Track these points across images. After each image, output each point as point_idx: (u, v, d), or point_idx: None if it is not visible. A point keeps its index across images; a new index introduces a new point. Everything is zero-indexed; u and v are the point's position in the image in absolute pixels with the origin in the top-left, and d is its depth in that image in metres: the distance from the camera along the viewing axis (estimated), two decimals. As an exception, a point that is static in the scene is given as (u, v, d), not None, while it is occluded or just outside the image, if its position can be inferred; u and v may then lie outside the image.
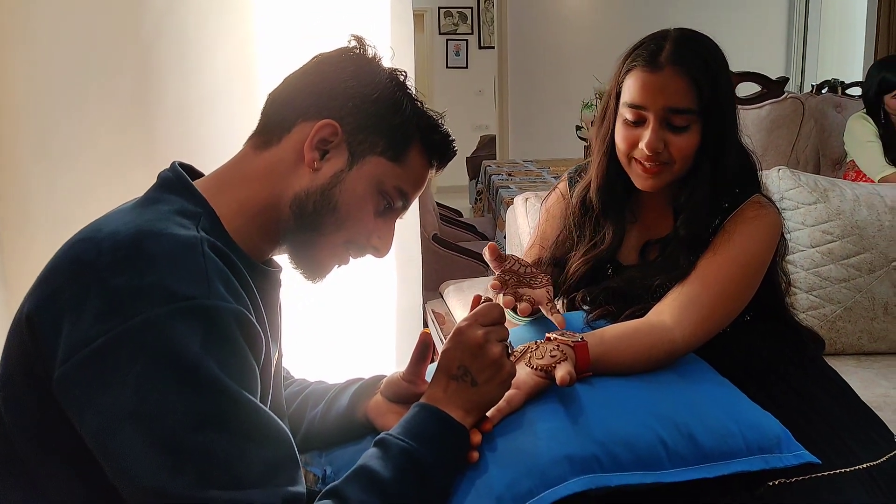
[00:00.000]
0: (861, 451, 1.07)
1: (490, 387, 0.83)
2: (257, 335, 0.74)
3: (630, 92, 1.13)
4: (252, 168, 0.83)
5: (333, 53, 0.86)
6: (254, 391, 0.71)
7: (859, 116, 2.99)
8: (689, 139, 1.11)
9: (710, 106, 1.10)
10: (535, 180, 3.42)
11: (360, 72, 0.84)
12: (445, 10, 8.22)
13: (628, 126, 1.14)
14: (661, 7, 4.96)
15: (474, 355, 0.82)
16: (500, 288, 1.06)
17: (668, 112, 1.10)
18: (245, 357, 0.71)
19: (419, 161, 0.86)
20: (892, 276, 1.66)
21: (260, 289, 0.81)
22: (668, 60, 1.10)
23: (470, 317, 0.85)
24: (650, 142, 1.10)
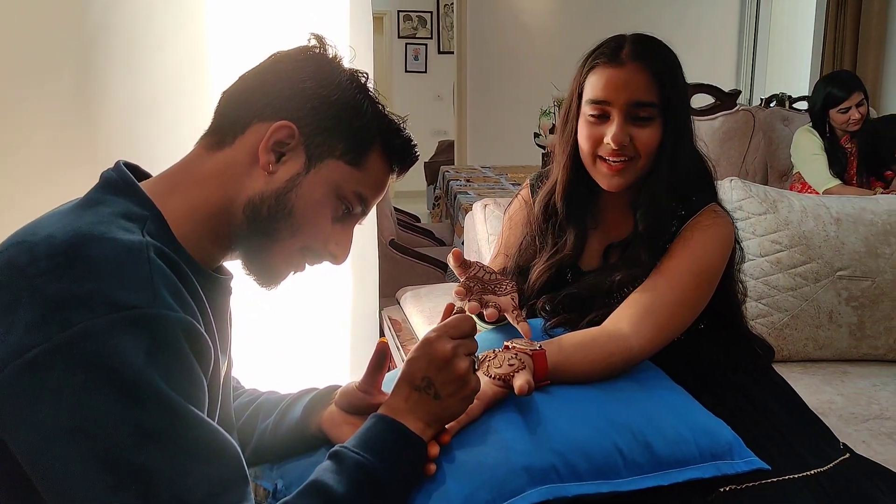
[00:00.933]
0: (809, 457, 1.10)
1: (453, 401, 0.82)
2: (205, 346, 0.71)
3: (593, 89, 1.14)
4: (203, 169, 0.80)
5: (292, 52, 0.83)
6: (201, 405, 0.68)
7: (805, 130, 3.08)
8: (653, 133, 1.13)
9: (670, 102, 1.13)
10: (494, 186, 3.43)
11: (320, 72, 0.81)
12: (405, 14, 8.20)
13: (592, 124, 1.15)
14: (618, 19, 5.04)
15: (440, 368, 0.81)
16: (465, 294, 1.05)
17: (632, 106, 1.12)
18: (192, 369, 0.68)
19: (379, 166, 0.84)
20: (836, 286, 1.70)
21: (209, 297, 0.78)
22: (630, 56, 1.12)
23: (440, 328, 0.83)
24: (616, 135, 1.11)
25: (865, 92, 2.92)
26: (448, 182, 3.67)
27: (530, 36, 5.36)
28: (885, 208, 1.78)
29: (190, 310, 0.70)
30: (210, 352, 0.72)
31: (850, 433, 1.36)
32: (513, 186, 3.39)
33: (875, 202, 1.81)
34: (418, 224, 3.85)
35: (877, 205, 1.80)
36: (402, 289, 2.07)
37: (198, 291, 0.75)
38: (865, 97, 2.90)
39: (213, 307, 0.79)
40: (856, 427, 1.39)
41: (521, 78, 5.28)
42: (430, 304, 1.86)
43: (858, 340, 1.72)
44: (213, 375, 0.74)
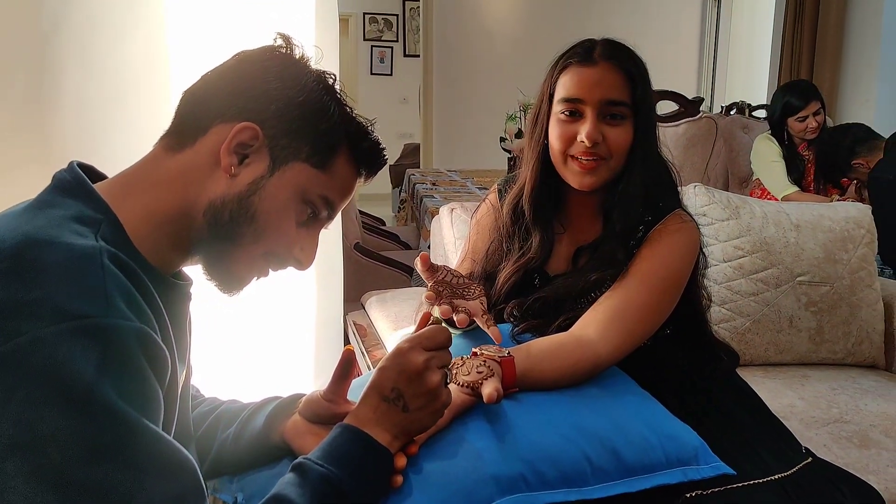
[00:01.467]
0: (773, 462, 1.11)
1: (422, 414, 0.80)
2: (162, 356, 0.67)
3: (566, 88, 1.15)
4: (162, 171, 0.77)
5: (257, 52, 0.81)
6: (156, 418, 0.65)
7: (765, 137, 3.14)
8: (625, 132, 1.14)
9: (641, 102, 1.14)
10: (460, 190, 3.43)
11: (286, 73, 0.79)
12: (370, 17, 8.18)
13: (564, 122, 1.15)
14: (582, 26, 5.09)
15: (411, 380, 0.79)
16: (435, 299, 1.04)
17: (606, 104, 1.13)
18: (147, 381, 0.64)
19: (346, 169, 0.82)
20: (796, 291, 1.73)
21: (167, 304, 0.74)
22: (602, 56, 1.14)
23: (414, 338, 0.81)
24: (590, 132, 1.12)
25: (822, 101, 2.98)
26: (414, 185, 3.65)
27: (496, 41, 5.38)
28: (843, 215, 1.81)
29: (145, 318, 0.67)
30: (167, 362, 0.69)
31: (812, 437, 1.37)
32: (479, 190, 3.39)
33: (833, 209, 1.85)
34: (383, 227, 3.82)
35: (835, 212, 1.83)
36: (367, 293, 2.04)
37: (154, 298, 0.72)
38: (822, 106, 2.97)
39: (171, 314, 0.75)
40: (817, 431, 1.41)
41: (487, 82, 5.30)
42: (395, 308, 1.84)
43: (817, 345, 1.75)
44: (169, 386, 0.71)
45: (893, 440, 1.37)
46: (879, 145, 2.56)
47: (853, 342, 1.74)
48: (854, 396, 1.56)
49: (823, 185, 3.02)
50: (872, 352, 1.75)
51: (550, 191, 1.22)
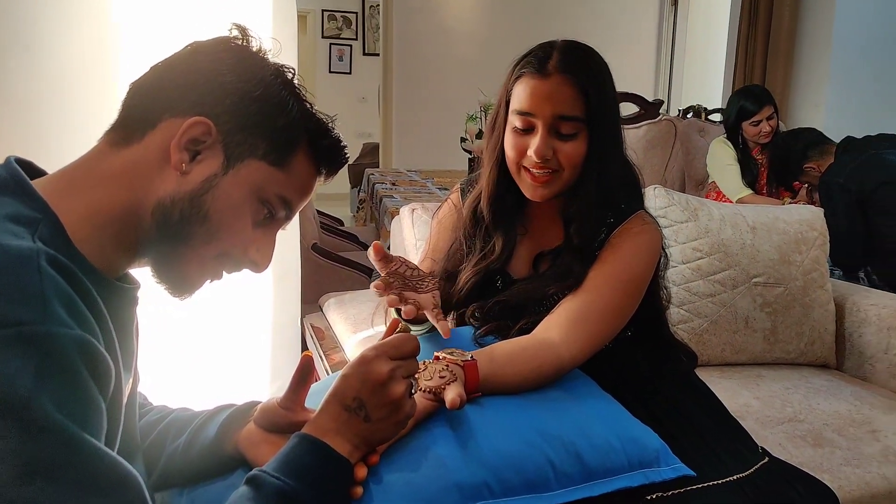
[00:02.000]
0: (731, 462, 1.12)
1: (383, 425, 0.77)
2: (105, 365, 0.63)
3: (519, 99, 1.12)
4: (107, 167, 0.73)
5: (211, 43, 0.77)
6: (98, 432, 0.61)
7: (720, 141, 3.19)
8: (577, 147, 1.12)
9: (597, 115, 1.11)
10: (420, 190, 3.40)
11: (241, 65, 0.75)
12: (329, 14, 8.09)
13: (517, 134, 1.13)
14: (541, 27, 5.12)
15: (374, 390, 0.76)
16: (384, 289, 1.02)
17: (557, 119, 1.10)
18: (88, 392, 0.60)
19: (305, 167, 0.79)
20: (752, 292, 1.75)
21: (111, 309, 0.70)
22: (557, 68, 1.10)
23: (380, 346, 0.78)
24: (538, 149, 1.10)
25: (775, 106, 3.05)
26: (373, 185, 3.62)
27: (457, 41, 5.38)
28: (797, 217, 1.85)
29: (87, 325, 0.62)
30: (110, 371, 0.64)
31: (767, 436, 1.39)
32: (439, 191, 3.37)
33: (787, 212, 1.88)
34: (342, 228, 3.78)
35: (788, 214, 1.86)
36: (325, 295, 2.01)
37: (97, 303, 0.67)
38: (775, 111, 3.04)
39: (115, 320, 0.71)
40: (772, 430, 1.43)
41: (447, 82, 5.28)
42: (354, 310, 1.81)
43: (772, 345, 1.77)
44: (114, 396, 0.67)
45: (846, 439, 1.39)
46: (830, 150, 2.62)
47: (806, 342, 1.77)
48: (807, 396, 1.58)
49: (776, 188, 3.08)
50: (824, 351, 1.79)
51: (509, 195, 1.21)
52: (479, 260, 1.21)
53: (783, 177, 2.91)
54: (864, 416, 1.48)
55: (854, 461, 1.32)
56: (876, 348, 1.72)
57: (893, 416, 1.48)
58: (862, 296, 1.83)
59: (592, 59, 1.14)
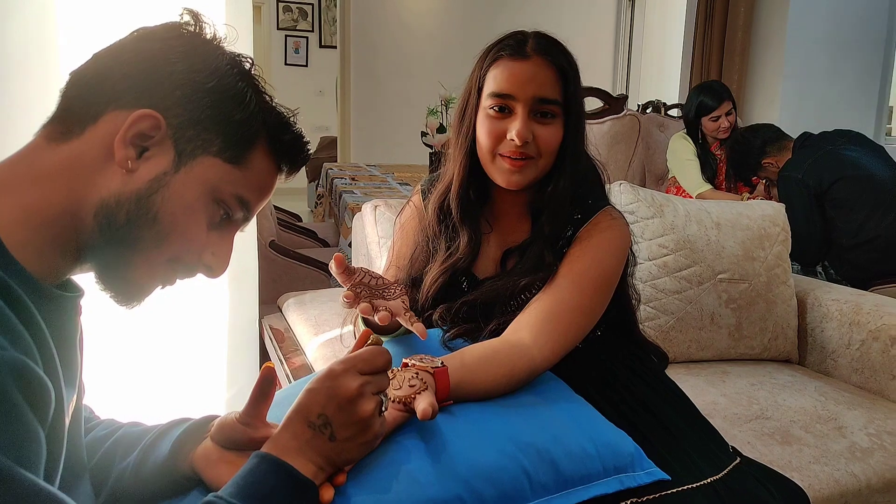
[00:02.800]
0: (705, 465, 1.10)
1: (350, 445, 0.72)
2: (42, 389, 0.57)
3: (497, 81, 1.10)
4: (44, 164, 0.66)
5: (160, 29, 0.71)
6: (34, 463, 0.55)
7: (680, 136, 3.21)
8: (556, 131, 1.10)
9: (572, 101, 1.11)
10: (380, 185, 3.34)
11: (193, 54, 0.69)
12: (284, 5, 7.95)
13: (493, 119, 1.10)
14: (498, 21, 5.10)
15: (341, 408, 0.71)
16: (353, 299, 0.98)
17: (537, 101, 1.08)
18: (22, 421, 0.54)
19: (264, 164, 0.73)
20: (717, 288, 1.75)
21: (49, 320, 0.64)
22: (535, 51, 1.09)
23: (348, 360, 0.73)
24: (520, 131, 1.07)
25: (734, 102, 3.08)
26: (332, 180, 3.54)
27: (415, 34, 5.32)
28: (759, 213, 1.85)
29: (21, 343, 0.56)
30: (49, 394, 0.58)
31: (736, 434, 1.38)
32: (400, 186, 3.32)
33: (750, 208, 1.89)
34: (299, 224, 3.69)
35: (751, 210, 1.87)
36: (283, 295, 1.94)
37: (33, 316, 0.61)
38: (734, 106, 3.06)
39: (55, 332, 0.65)
40: (740, 428, 1.42)
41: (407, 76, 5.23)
42: (314, 311, 1.75)
43: (736, 341, 1.78)
44: (55, 419, 0.61)
45: (813, 436, 1.40)
46: (788, 145, 2.65)
47: (769, 338, 1.78)
48: (773, 392, 1.59)
49: (734, 183, 3.12)
50: (787, 347, 1.80)
51: (478, 189, 1.17)
52: (445, 258, 1.17)
53: (741, 171, 2.94)
54: (829, 413, 1.48)
55: (823, 459, 1.32)
56: (838, 343, 1.74)
57: (858, 412, 1.49)
58: (823, 291, 1.85)
59: (565, 47, 1.13)
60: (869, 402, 1.55)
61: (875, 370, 1.65)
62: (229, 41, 0.73)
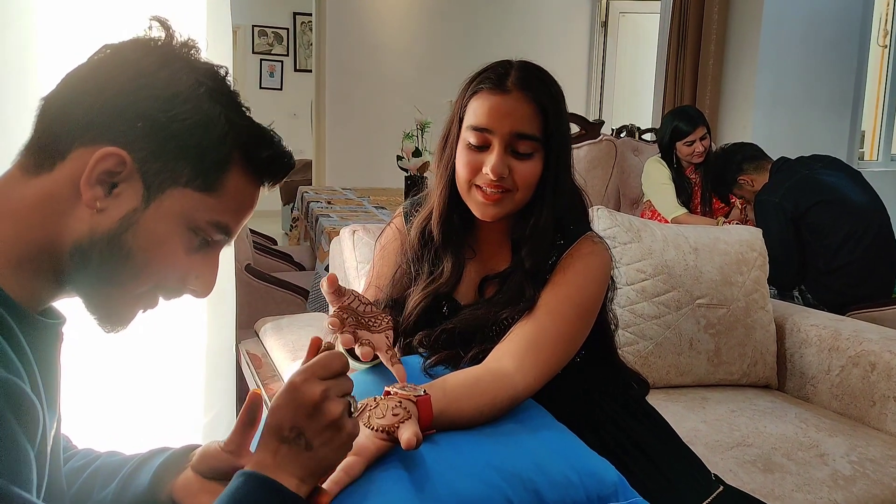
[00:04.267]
0: (688, 493, 1.11)
1: (327, 450, 0.70)
2: (32, 410, 0.56)
3: (476, 115, 1.09)
4: (18, 198, 0.64)
5: (126, 46, 0.68)
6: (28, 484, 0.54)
7: (655, 160, 3.24)
8: (533, 167, 1.09)
9: (554, 135, 1.09)
10: (357, 209, 3.32)
11: (158, 76, 0.66)
12: (260, 29, 7.97)
13: (472, 151, 1.09)
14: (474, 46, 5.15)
15: (309, 415, 0.69)
16: (339, 326, 0.96)
17: (514, 137, 1.07)
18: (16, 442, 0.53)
19: (242, 184, 0.70)
20: (696, 313, 1.76)
21: (34, 346, 0.63)
22: (516, 85, 1.08)
23: (306, 368, 0.71)
24: (495, 166, 1.06)
25: (708, 126, 3.12)
26: (308, 203, 3.51)
27: (390, 58, 5.35)
28: (737, 238, 1.87)
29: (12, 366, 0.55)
30: (38, 416, 0.57)
31: (718, 462, 1.38)
32: (376, 209, 3.30)
33: (727, 232, 1.90)
34: (275, 247, 3.65)
35: (729, 235, 1.88)
36: (260, 319, 1.90)
37: (20, 342, 0.60)
38: (708, 131, 3.10)
39: (39, 358, 0.63)
40: (722, 455, 1.41)
41: (381, 99, 5.24)
42: (292, 336, 1.71)
43: (715, 366, 1.78)
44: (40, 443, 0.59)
45: (795, 463, 1.39)
46: (766, 166, 2.68)
47: (748, 363, 1.78)
48: (753, 418, 1.58)
49: (710, 207, 3.15)
50: (766, 372, 1.80)
51: (459, 216, 1.16)
52: (428, 283, 1.16)
53: (717, 186, 2.97)
54: (810, 440, 1.48)
55: (805, 487, 1.32)
56: (818, 369, 1.75)
57: (839, 439, 1.49)
58: (802, 316, 1.86)
59: (549, 80, 1.12)
60: (850, 429, 1.55)
61: (855, 396, 1.65)
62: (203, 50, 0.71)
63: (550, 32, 5.63)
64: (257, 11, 7.83)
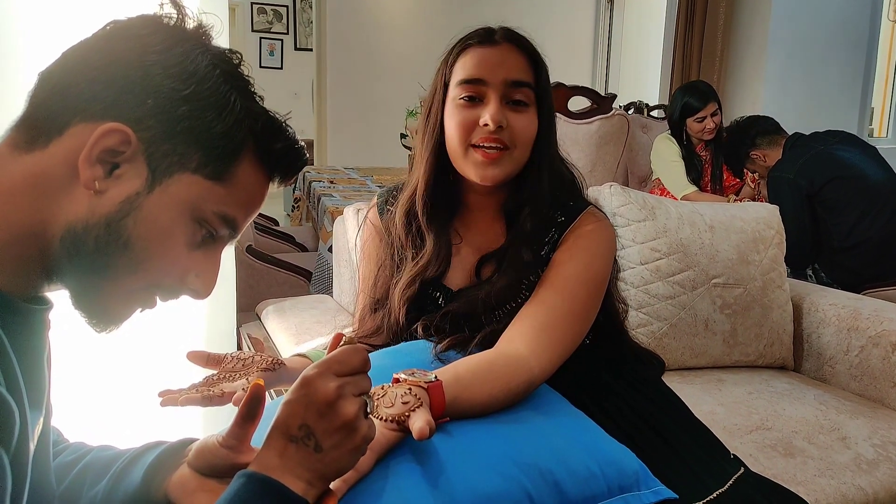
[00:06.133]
0: (708, 479, 1.07)
1: (338, 454, 0.65)
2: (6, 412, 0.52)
3: (466, 68, 1.06)
4: (7, 175, 0.59)
5: (135, 23, 0.63)
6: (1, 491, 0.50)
7: (664, 137, 3.17)
8: (530, 120, 1.07)
9: (544, 88, 1.08)
10: (360, 189, 3.27)
11: (171, 53, 0.61)
12: (259, 7, 7.86)
13: (465, 108, 1.06)
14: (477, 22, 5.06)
15: (321, 414, 0.64)
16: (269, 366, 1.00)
17: (509, 85, 1.05)
18: None
19: (252, 177, 0.66)
20: (711, 293, 1.70)
21: (14, 337, 0.58)
22: (504, 38, 1.08)
23: (321, 363, 0.66)
24: (494, 114, 1.03)
25: (719, 102, 3.04)
26: (310, 183, 3.46)
27: (392, 35, 5.26)
28: (753, 215, 1.81)
29: None
30: (13, 418, 0.53)
31: (737, 446, 1.33)
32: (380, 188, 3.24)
33: (743, 210, 1.84)
34: (277, 228, 3.60)
35: (745, 212, 1.82)
36: (262, 302, 1.86)
37: None
38: (719, 107, 3.03)
39: (20, 350, 0.58)
40: (741, 439, 1.37)
41: (384, 78, 5.17)
42: (295, 318, 1.67)
43: (731, 347, 1.73)
44: (19, 443, 0.55)
45: (817, 447, 1.35)
46: (779, 142, 2.61)
47: (765, 344, 1.74)
48: (771, 401, 1.54)
49: (720, 184, 3.09)
50: (783, 353, 1.75)
51: (447, 191, 1.12)
52: (412, 266, 1.12)
53: (731, 160, 2.91)
54: (831, 422, 1.44)
55: (828, 472, 1.27)
56: (836, 349, 1.70)
57: (861, 421, 1.44)
58: (819, 295, 1.80)
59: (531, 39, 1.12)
60: (871, 411, 1.51)
61: (875, 377, 1.60)
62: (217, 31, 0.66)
63: (556, 8, 5.53)
64: (256, -12, 7.72)
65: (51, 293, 0.65)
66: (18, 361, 0.58)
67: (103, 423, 1.20)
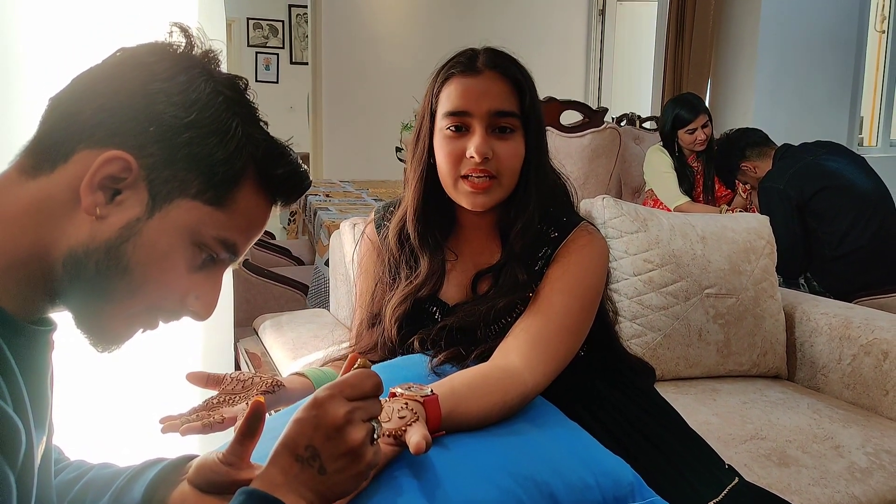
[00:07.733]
0: (703, 489, 1.08)
1: (341, 478, 0.66)
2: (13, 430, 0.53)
3: (451, 100, 1.06)
4: (12, 201, 0.61)
5: (143, 50, 0.65)
6: None
7: (657, 149, 3.20)
8: (516, 146, 1.07)
9: (531, 113, 1.08)
10: (356, 202, 3.28)
11: (175, 81, 0.63)
12: (255, 22, 7.91)
13: (451, 139, 1.07)
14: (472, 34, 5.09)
15: (328, 437, 0.65)
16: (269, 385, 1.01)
17: (493, 116, 1.05)
18: None
19: (253, 202, 0.67)
20: (704, 304, 1.72)
21: (19, 356, 0.59)
22: (486, 65, 1.07)
23: (334, 385, 0.67)
24: (479, 146, 1.04)
25: (709, 114, 3.08)
26: (306, 197, 3.47)
27: (387, 49, 5.29)
28: (744, 226, 1.83)
29: None
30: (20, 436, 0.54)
31: (732, 456, 1.34)
32: (376, 202, 3.26)
33: (734, 220, 1.86)
34: (273, 242, 3.61)
35: (736, 223, 1.85)
36: (259, 317, 1.87)
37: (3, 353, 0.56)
38: (709, 119, 3.06)
39: (25, 369, 0.59)
40: (735, 449, 1.38)
41: (378, 91, 5.19)
42: (292, 333, 1.68)
43: (725, 357, 1.74)
44: (24, 463, 0.56)
45: (810, 456, 1.36)
46: (769, 153, 2.65)
47: (758, 353, 1.75)
48: (765, 410, 1.55)
49: (712, 195, 3.12)
50: (776, 362, 1.77)
51: (439, 212, 1.14)
52: (406, 285, 1.13)
53: (721, 171, 2.94)
54: (824, 431, 1.45)
55: (822, 481, 1.29)
56: (828, 358, 1.71)
57: (854, 430, 1.46)
58: (811, 305, 1.82)
59: (516, 60, 1.11)
60: (864, 420, 1.52)
61: (867, 386, 1.62)
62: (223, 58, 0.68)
63: (548, 22, 5.57)
64: (252, 4, 7.77)
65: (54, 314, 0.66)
66: (24, 382, 0.59)
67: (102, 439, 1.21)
